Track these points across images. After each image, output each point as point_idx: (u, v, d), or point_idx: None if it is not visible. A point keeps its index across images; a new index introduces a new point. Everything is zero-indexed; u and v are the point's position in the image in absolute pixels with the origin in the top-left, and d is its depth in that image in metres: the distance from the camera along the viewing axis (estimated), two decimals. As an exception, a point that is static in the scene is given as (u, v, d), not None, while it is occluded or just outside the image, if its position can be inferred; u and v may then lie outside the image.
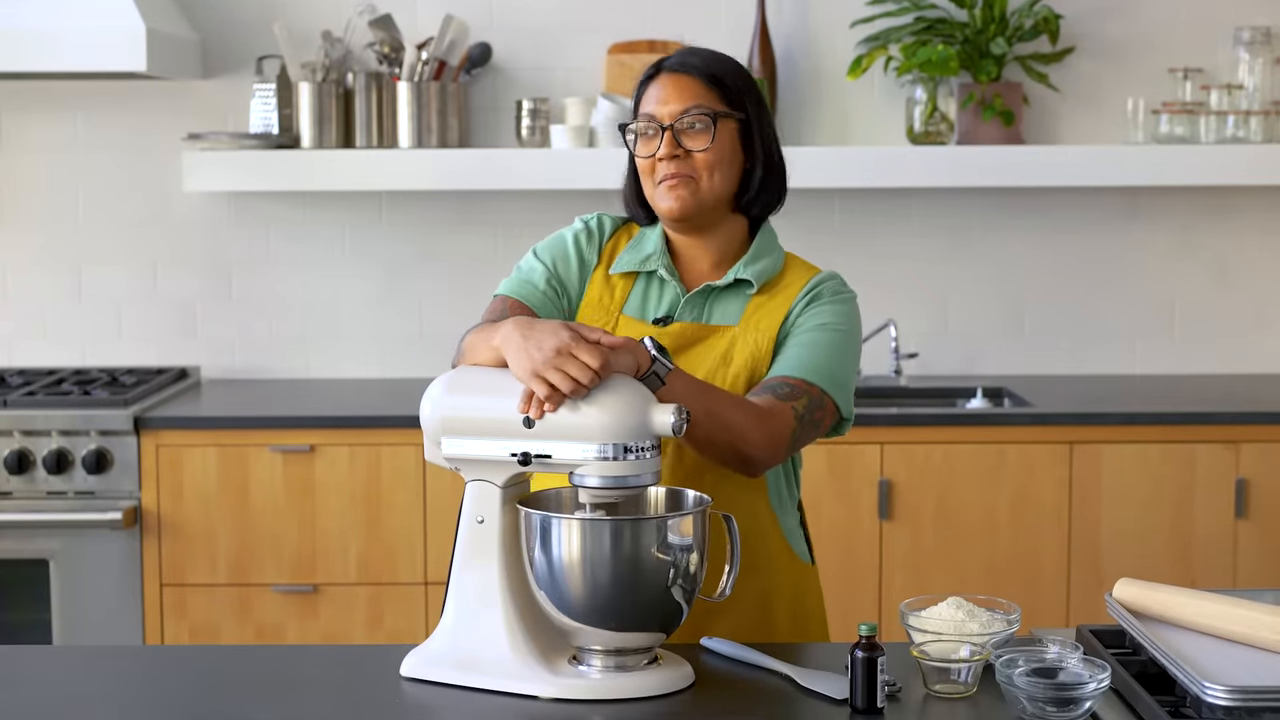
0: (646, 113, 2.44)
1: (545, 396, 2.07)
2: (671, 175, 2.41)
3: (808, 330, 2.42)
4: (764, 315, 2.45)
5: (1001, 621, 2.19)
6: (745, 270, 2.46)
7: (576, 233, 2.54)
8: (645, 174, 2.45)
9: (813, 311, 2.44)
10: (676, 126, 2.42)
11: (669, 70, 2.45)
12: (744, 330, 2.44)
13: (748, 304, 2.46)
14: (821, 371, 2.37)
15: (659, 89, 2.44)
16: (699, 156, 2.42)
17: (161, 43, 4.23)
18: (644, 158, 2.44)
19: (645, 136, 2.44)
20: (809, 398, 2.34)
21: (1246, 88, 4.52)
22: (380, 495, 4.11)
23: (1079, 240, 4.67)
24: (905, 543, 4.10)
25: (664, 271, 2.47)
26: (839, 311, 2.46)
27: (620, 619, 2.09)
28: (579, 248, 2.52)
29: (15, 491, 4.10)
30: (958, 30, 4.51)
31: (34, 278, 4.70)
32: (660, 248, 2.49)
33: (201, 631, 4.13)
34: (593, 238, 2.53)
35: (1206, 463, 4.08)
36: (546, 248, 2.53)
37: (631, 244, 2.52)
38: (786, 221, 4.66)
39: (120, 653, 2.81)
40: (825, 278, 2.51)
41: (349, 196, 4.66)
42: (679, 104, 2.42)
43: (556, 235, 2.55)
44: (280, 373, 4.73)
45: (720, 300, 2.47)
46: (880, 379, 4.60)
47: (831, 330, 2.42)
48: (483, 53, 4.57)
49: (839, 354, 2.41)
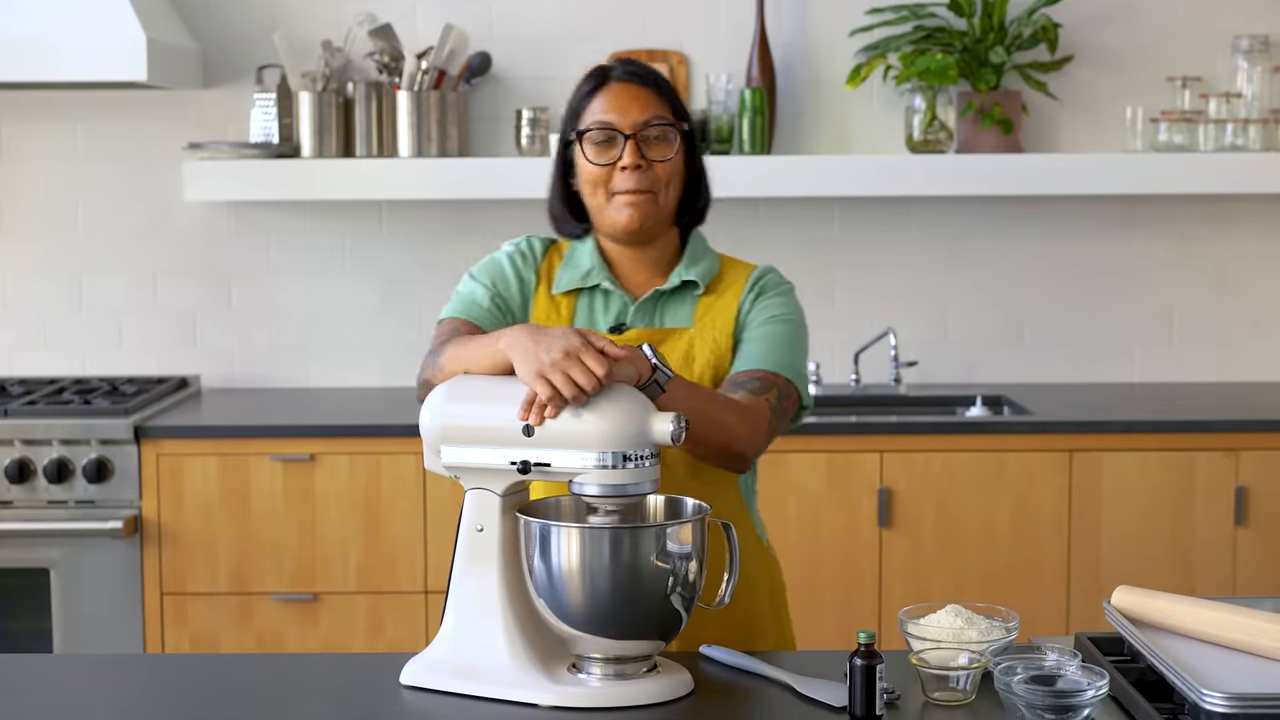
0: (603, 120, 2.42)
1: (547, 398, 2.07)
2: (633, 188, 2.42)
3: (761, 324, 2.47)
4: (716, 314, 2.48)
5: (1000, 629, 2.19)
6: (689, 272, 2.49)
7: (509, 255, 2.54)
8: (596, 184, 2.43)
9: (762, 305, 2.49)
10: (639, 136, 2.42)
11: (620, 80, 2.44)
12: (700, 330, 2.47)
13: (697, 305, 2.49)
14: (783, 363, 2.44)
15: (612, 98, 2.43)
16: (659, 168, 2.44)
17: (162, 52, 4.23)
18: (601, 165, 2.42)
19: (600, 145, 2.42)
20: (778, 389, 2.41)
21: (1245, 96, 4.52)
22: (380, 504, 4.11)
23: (1078, 248, 4.67)
24: (905, 551, 4.10)
25: (607, 283, 2.48)
26: (786, 303, 2.51)
27: (619, 627, 2.09)
28: (516, 268, 2.52)
29: (16, 500, 4.11)
30: (956, 39, 4.51)
31: (35, 287, 4.71)
32: (597, 261, 2.49)
33: (202, 640, 4.13)
34: (527, 259, 2.53)
35: (1206, 470, 4.08)
36: (483, 271, 2.53)
37: (565, 262, 2.52)
38: (786, 231, 4.69)
39: (121, 661, 2.81)
40: (765, 271, 2.55)
41: (349, 206, 4.66)
42: (640, 114, 2.42)
43: (489, 259, 2.56)
44: (280, 382, 4.74)
45: (669, 304, 2.50)
46: (880, 387, 4.61)
47: (783, 322, 2.48)
48: (482, 62, 4.57)
49: (794, 344, 2.47)
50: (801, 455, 4.08)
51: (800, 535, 4.08)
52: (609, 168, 2.42)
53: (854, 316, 4.67)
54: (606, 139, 2.42)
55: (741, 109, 4.48)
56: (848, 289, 4.68)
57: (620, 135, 2.41)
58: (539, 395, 2.08)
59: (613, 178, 2.42)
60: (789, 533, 4.08)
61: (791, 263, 4.64)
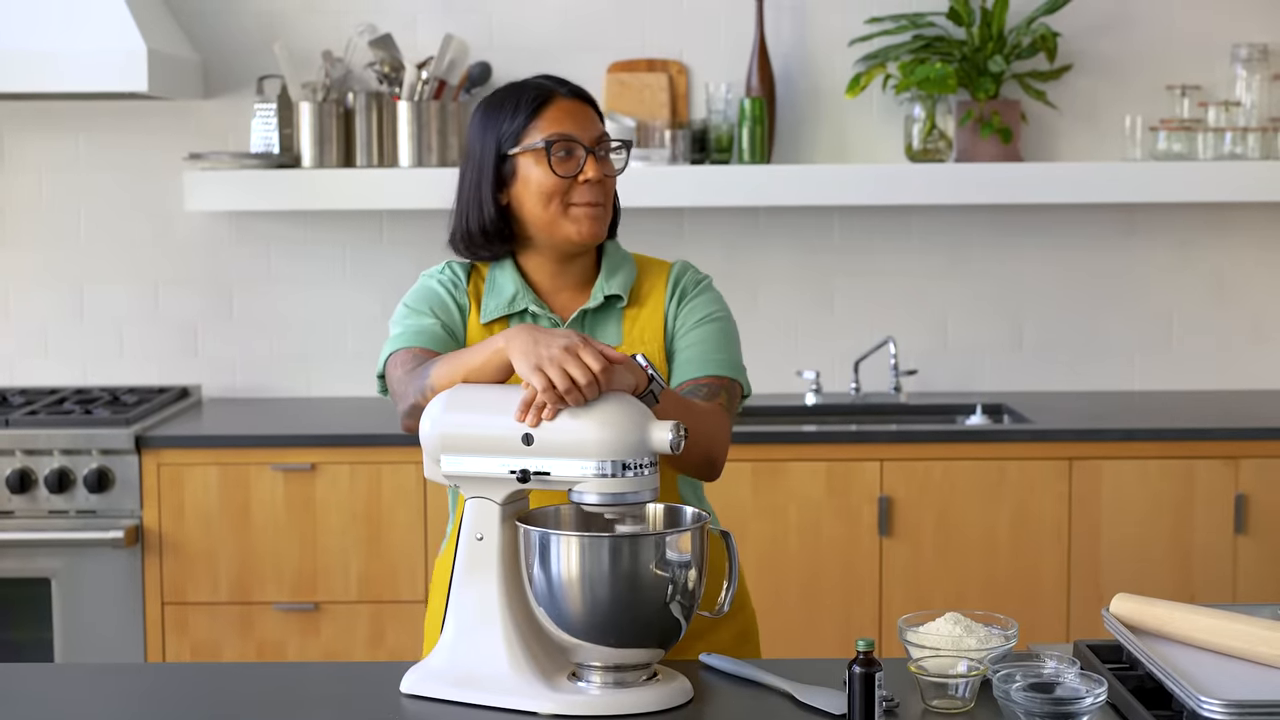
0: (563, 133, 2.41)
1: (543, 389, 2.08)
2: (594, 200, 2.43)
3: (692, 328, 2.48)
4: (644, 327, 2.49)
5: (999, 637, 2.20)
6: (610, 285, 2.49)
7: (442, 282, 2.51)
8: (553, 195, 2.41)
9: (688, 308, 2.50)
10: (598, 152, 2.44)
11: (568, 97, 2.45)
12: (631, 347, 2.48)
13: (623, 320, 2.50)
14: (724, 362, 2.46)
15: (566, 113, 2.43)
16: (609, 182, 2.47)
17: (162, 63, 4.24)
18: (564, 177, 2.41)
19: (561, 158, 2.42)
20: (725, 390, 2.44)
21: (1244, 104, 4.53)
22: (381, 513, 4.12)
23: (1077, 257, 4.68)
24: (905, 559, 4.10)
25: (534, 306, 2.47)
26: (710, 299, 2.52)
27: (619, 635, 2.09)
28: (451, 294, 2.50)
29: (17, 510, 4.11)
30: (956, 48, 4.52)
31: (35, 297, 4.71)
32: (521, 285, 2.48)
33: (203, 649, 4.13)
34: (458, 285, 2.51)
35: (1206, 478, 4.08)
36: (420, 300, 2.50)
37: (488, 288, 2.50)
38: (786, 240, 4.70)
39: (122, 671, 2.81)
40: (681, 271, 2.55)
41: (350, 215, 4.67)
42: (594, 129, 2.45)
43: (421, 288, 2.52)
44: (281, 391, 4.74)
45: (596, 322, 2.50)
46: (880, 396, 4.61)
47: (712, 320, 2.49)
48: (483, 72, 4.58)
49: (728, 339, 2.49)
50: (802, 464, 4.09)
51: (800, 543, 4.09)
52: (569, 180, 2.42)
53: (854, 325, 4.67)
54: (568, 152, 2.42)
55: (741, 118, 4.49)
56: (848, 298, 4.69)
57: (582, 149, 2.43)
58: (535, 387, 2.09)
59: (571, 190, 2.42)
60: (789, 541, 4.09)
61: (791, 272, 4.68)
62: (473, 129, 2.49)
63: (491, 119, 2.46)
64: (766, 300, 4.67)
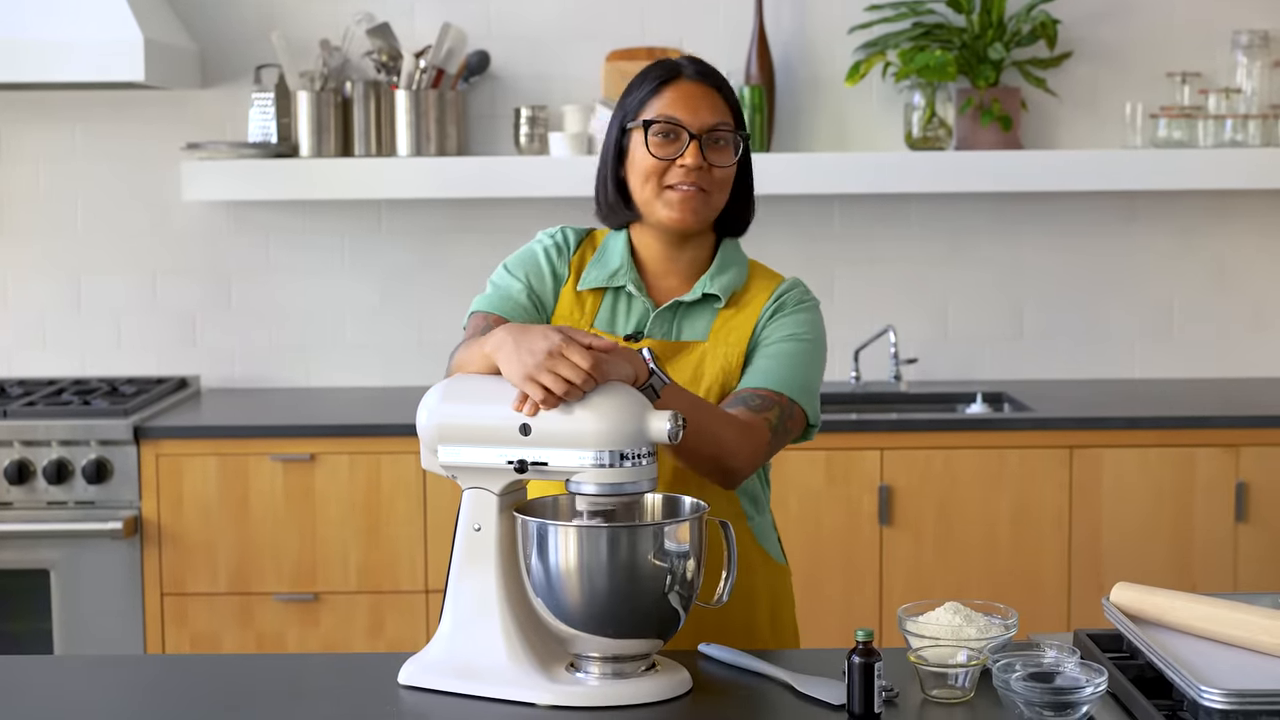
0: (671, 115, 2.39)
1: (540, 400, 2.07)
2: (692, 184, 2.40)
3: (775, 342, 2.44)
4: (732, 329, 2.46)
5: (999, 626, 2.19)
6: (713, 285, 2.47)
7: (546, 248, 2.51)
8: (650, 175, 2.41)
9: (779, 322, 2.46)
10: (705, 139, 2.41)
11: (691, 79, 2.43)
12: (713, 345, 2.45)
13: (715, 318, 2.47)
14: (790, 382, 2.41)
15: (682, 96, 2.41)
16: (718, 173, 2.43)
17: (160, 53, 4.23)
18: (661, 159, 2.39)
19: (664, 139, 2.40)
20: (780, 408, 2.38)
21: (1244, 92, 4.52)
22: (380, 504, 4.11)
23: (1078, 244, 4.67)
24: (906, 548, 4.10)
25: (632, 287, 2.46)
26: (804, 320, 2.47)
27: (618, 626, 2.09)
28: (551, 262, 2.50)
29: (15, 502, 4.11)
30: (955, 36, 4.51)
31: (33, 288, 4.71)
32: (627, 261, 2.47)
33: (202, 640, 4.13)
34: (562, 252, 2.51)
35: (1206, 466, 4.08)
36: (519, 263, 2.51)
37: (596, 258, 2.50)
38: (786, 229, 4.68)
39: (121, 662, 2.81)
40: (789, 287, 2.52)
41: (348, 205, 4.66)
42: (710, 116, 2.41)
43: (526, 250, 2.53)
44: (280, 382, 4.73)
45: (688, 315, 2.48)
46: (880, 384, 4.61)
47: (798, 340, 2.45)
48: (481, 61, 4.57)
49: (805, 363, 2.44)
50: (801, 453, 4.08)
51: (801, 533, 4.08)
52: (668, 162, 2.40)
53: (854, 314, 4.67)
54: (672, 134, 2.40)
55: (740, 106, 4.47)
56: (847, 286, 4.68)
57: (686, 133, 2.40)
58: (533, 398, 2.08)
59: (669, 172, 2.40)
60: (789, 531, 4.07)
61: (791, 260, 4.66)
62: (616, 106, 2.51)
63: (627, 92, 2.47)
64: (766, 289, 4.66)
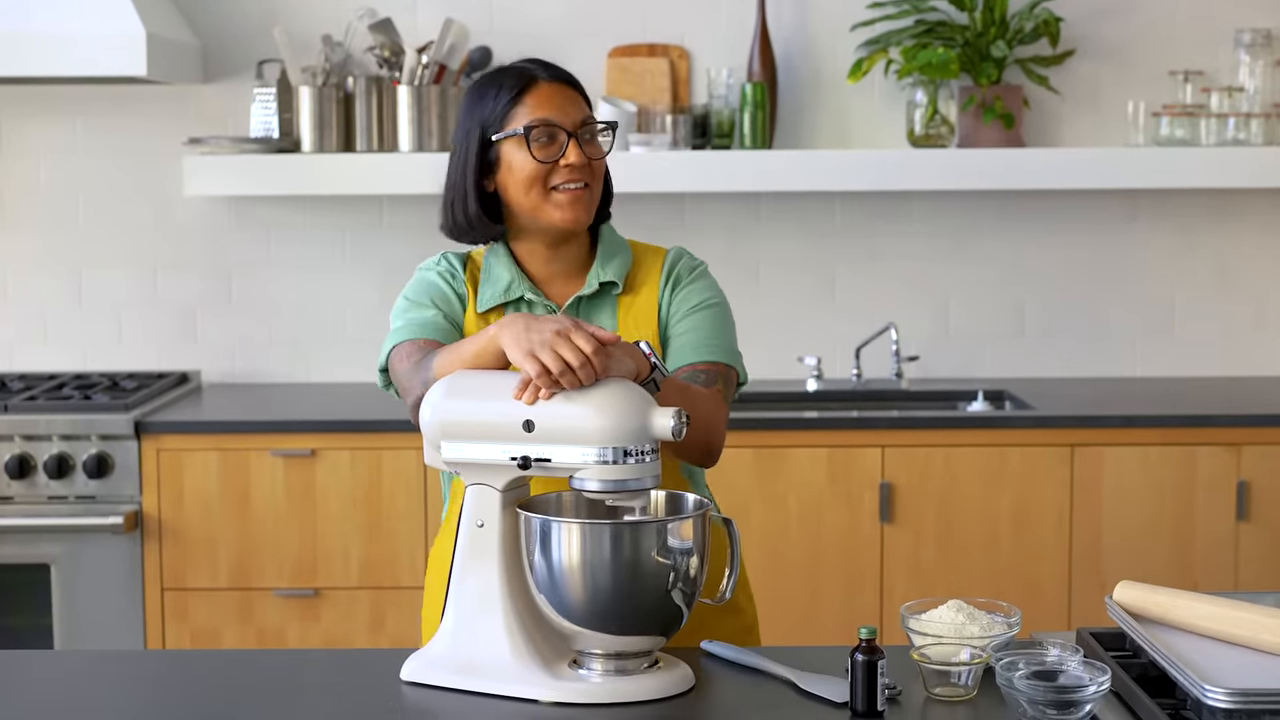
0: (544, 118, 2.40)
1: (536, 374, 2.07)
2: (578, 181, 2.41)
3: (688, 314, 2.47)
4: (638, 314, 2.48)
5: (1002, 624, 2.19)
6: (606, 272, 2.48)
7: (440, 273, 2.50)
8: (534, 181, 2.40)
9: (682, 294, 2.49)
10: (581, 135, 2.42)
11: (550, 80, 2.43)
12: (625, 334, 2.46)
13: (618, 307, 2.48)
14: (720, 348, 2.45)
15: (547, 98, 2.41)
16: (596, 165, 2.45)
17: (162, 47, 4.23)
18: (544, 162, 2.39)
19: (542, 143, 2.39)
20: (722, 378, 2.43)
21: (1247, 90, 4.52)
22: (381, 499, 4.11)
23: (1080, 243, 4.67)
24: (906, 546, 4.10)
25: (530, 294, 2.46)
26: (705, 285, 2.51)
27: (620, 623, 2.09)
28: (451, 285, 2.49)
29: (16, 496, 4.10)
30: (958, 33, 4.51)
31: (35, 282, 4.70)
32: (515, 271, 2.47)
33: (203, 636, 4.13)
34: (456, 276, 2.50)
35: (1207, 465, 4.08)
36: (422, 293, 2.48)
37: (484, 277, 2.49)
38: (788, 226, 4.68)
39: (121, 657, 2.81)
40: (676, 257, 2.54)
41: (349, 200, 4.66)
42: (578, 113, 2.43)
43: (420, 282, 2.50)
44: (281, 377, 4.73)
45: (590, 309, 2.49)
46: (881, 382, 4.60)
47: (708, 306, 2.48)
48: (483, 56, 4.57)
49: (724, 326, 2.49)
50: (803, 450, 4.08)
51: (801, 530, 4.08)
52: (550, 165, 2.40)
53: (855, 311, 4.66)
54: (549, 137, 2.40)
55: (742, 103, 4.48)
56: (849, 284, 4.68)
57: (564, 133, 2.41)
58: (529, 372, 2.08)
59: (552, 174, 2.41)
60: (790, 528, 4.08)
61: (793, 258, 4.67)
62: (460, 115, 2.49)
63: (476, 105, 2.45)
64: (768, 286, 4.66)
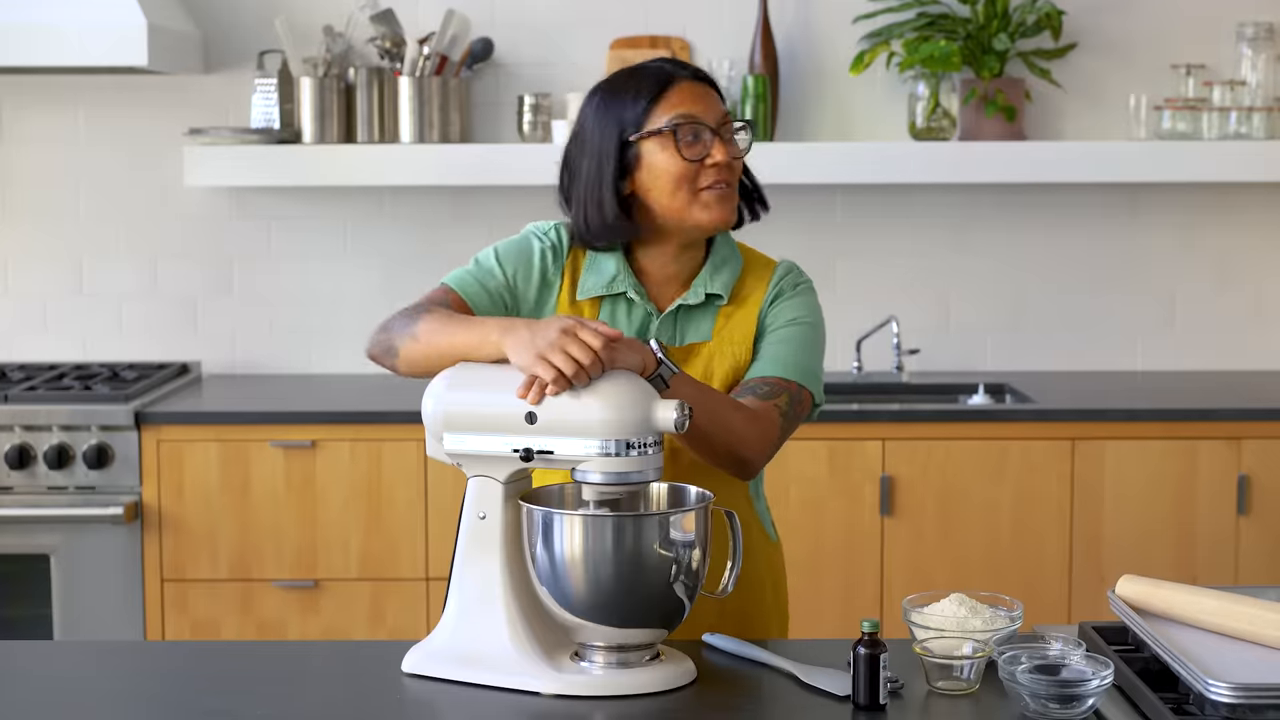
0: (687, 114, 2.34)
1: (552, 379, 2.06)
2: (724, 181, 2.36)
3: (778, 329, 2.44)
4: (736, 326, 2.45)
5: (1004, 618, 2.19)
6: (714, 284, 2.44)
7: (543, 248, 2.43)
8: (682, 181, 2.33)
9: (779, 309, 2.46)
10: (724, 133, 2.37)
11: (689, 79, 2.37)
12: (719, 344, 2.43)
13: (718, 316, 2.45)
14: (795, 366, 2.41)
15: (689, 96, 2.35)
16: (736, 164, 2.39)
17: (163, 37, 4.22)
18: (693, 161, 2.33)
19: (688, 142, 2.33)
20: (789, 394, 2.38)
21: (1249, 84, 4.51)
22: (382, 491, 4.11)
23: (1081, 236, 4.66)
24: (907, 539, 4.10)
25: (632, 292, 2.41)
26: (803, 304, 2.47)
27: (622, 615, 2.08)
28: (544, 264, 2.43)
29: (16, 486, 4.10)
30: (960, 26, 4.50)
31: (35, 272, 4.70)
32: (623, 266, 2.42)
33: (203, 627, 4.13)
34: (558, 256, 2.43)
35: (1208, 459, 4.07)
36: (511, 256, 2.42)
37: (590, 264, 2.43)
38: (789, 219, 4.68)
39: (121, 648, 2.80)
40: (784, 272, 2.50)
41: (350, 191, 4.65)
42: (718, 110, 2.37)
43: (523, 243, 2.44)
44: (281, 368, 4.73)
45: (690, 317, 2.44)
46: (882, 375, 4.60)
47: (799, 324, 2.45)
48: (484, 48, 4.56)
49: (808, 346, 2.45)
50: (803, 443, 4.08)
51: (802, 523, 4.08)
52: (697, 164, 2.34)
53: (856, 304, 4.66)
54: (695, 135, 2.34)
55: (744, 96, 4.47)
56: (850, 276, 4.67)
57: (709, 130, 2.35)
58: (544, 378, 2.06)
59: (700, 174, 2.35)
60: (791, 520, 4.07)
61: (793, 250, 4.63)
62: (588, 117, 2.39)
63: (611, 106, 2.37)
64: (768, 279, 4.65)
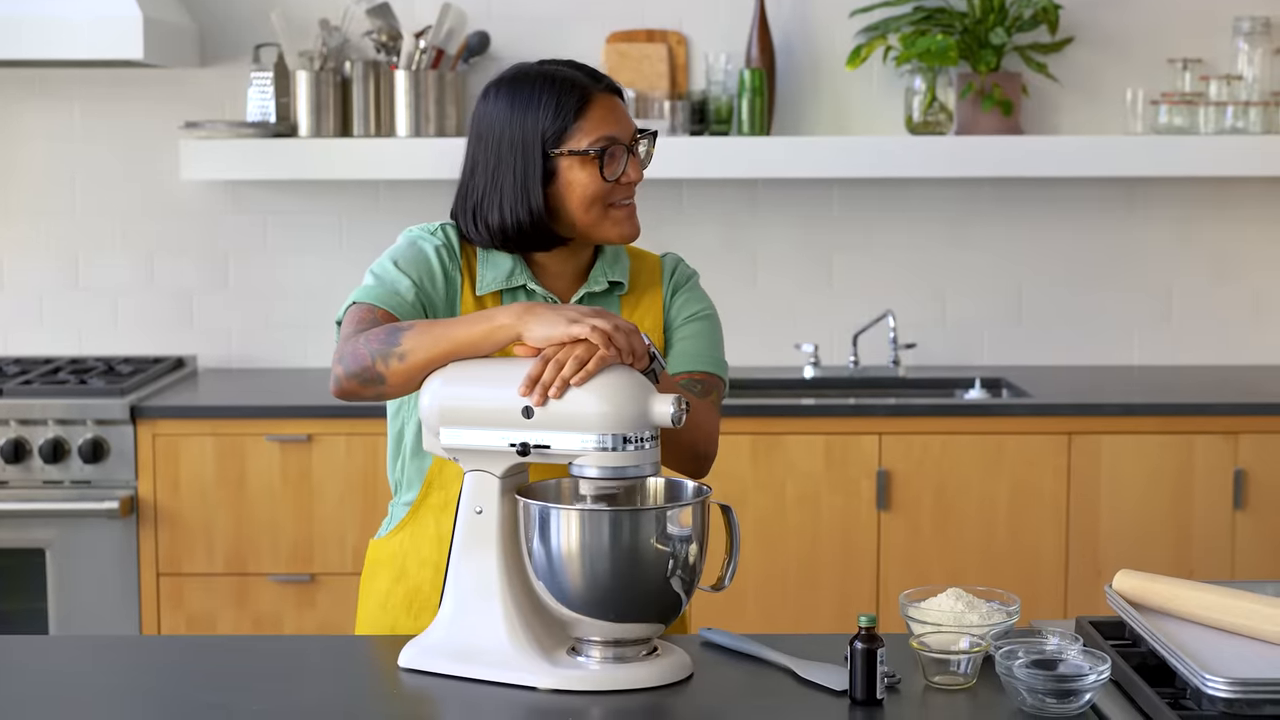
0: (609, 135, 2.34)
1: (602, 342, 2.06)
2: (632, 198, 2.39)
3: (686, 322, 2.48)
4: (644, 315, 2.47)
5: (1001, 613, 2.19)
6: (613, 272, 2.46)
7: (436, 248, 2.41)
8: (596, 199, 2.34)
9: (681, 301, 2.49)
10: (635, 149, 2.39)
11: (605, 93, 2.37)
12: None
13: (622, 305, 2.47)
14: (713, 360, 2.47)
15: (607, 112, 2.36)
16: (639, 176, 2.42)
17: (159, 31, 4.21)
18: (613, 181, 2.34)
19: (609, 163, 2.34)
20: (717, 390, 2.44)
21: (1246, 78, 4.51)
22: (378, 485, 4.10)
23: (1077, 231, 4.66)
24: (903, 533, 4.10)
25: (532, 284, 2.41)
26: (701, 295, 2.53)
27: (619, 610, 2.08)
28: (443, 264, 2.41)
29: (11, 481, 4.09)
30: (957, 20, 4.50)
31: (30, 266, 4.69)
32: (519, 260, 2.41)
33: (198, 621, 4.12)
34: (453, 255, 2.42)
35: (1205, 453, 4.07)
36: (409, 261, 2.39)
37: (484, 260, 2.42)
38: (785, 213, 4.68)
39: (117, 642, 2.80)
40: (674, 262, 2.54)
41: (346, 185, 4.65)
42: (630, 126, 2.38)
43: (414, 248, 2.42)
44: (277, 362, 4.72)
45: (597, 305, 2.44)
46: (878, 369, 4.60)
47: (703, 318, 2.50)
48: (481, 41, 4.55)
49: (716, 336, 2.50)
50: (799, 437, 4.08)
51: (798, 517, 4.08)
52: (616, 183, 2.35)
53: (852, 298, 4.66)
54: (613, 156, 2.35)
55: (741, 89, 4.47)
56: (846, 271, 4.67)
57: (624, 149, 2.36)
58: (593, 341, 2.07)
59: (613, 191, 2.36)
60: (787, 515, 4.08)
61: (790, 244, 4.66)
62: (500, 117, 2.37)
63: (527, 111, 2.35)
64: (765, 273, 4.66)
